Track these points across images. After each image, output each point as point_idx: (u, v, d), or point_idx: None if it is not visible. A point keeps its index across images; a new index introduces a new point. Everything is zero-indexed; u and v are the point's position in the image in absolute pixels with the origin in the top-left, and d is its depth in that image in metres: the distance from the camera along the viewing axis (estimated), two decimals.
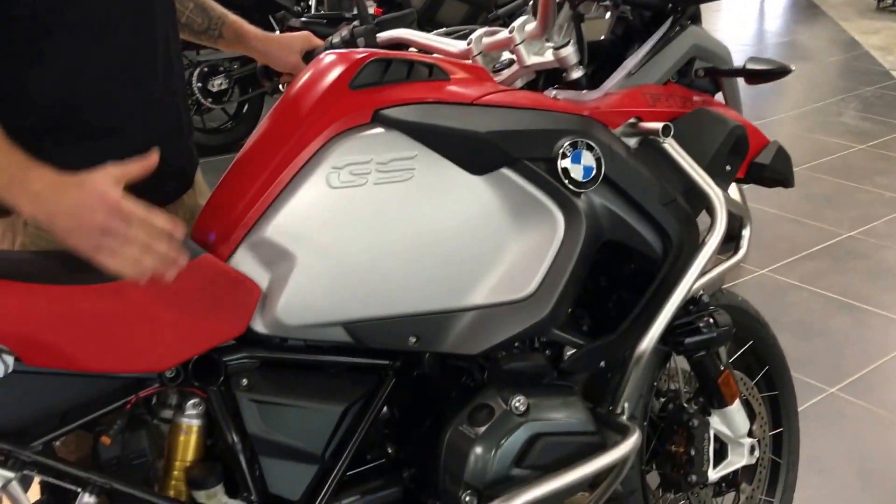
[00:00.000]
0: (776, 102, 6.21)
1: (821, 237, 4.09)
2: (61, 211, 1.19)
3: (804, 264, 3.81)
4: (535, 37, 1.57)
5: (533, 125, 1.41)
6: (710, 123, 1.56)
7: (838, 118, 5.99)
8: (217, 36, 1.80)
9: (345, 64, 1.41)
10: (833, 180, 4.83)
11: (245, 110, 5.28)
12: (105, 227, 1.18)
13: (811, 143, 5.40)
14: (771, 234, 4.03)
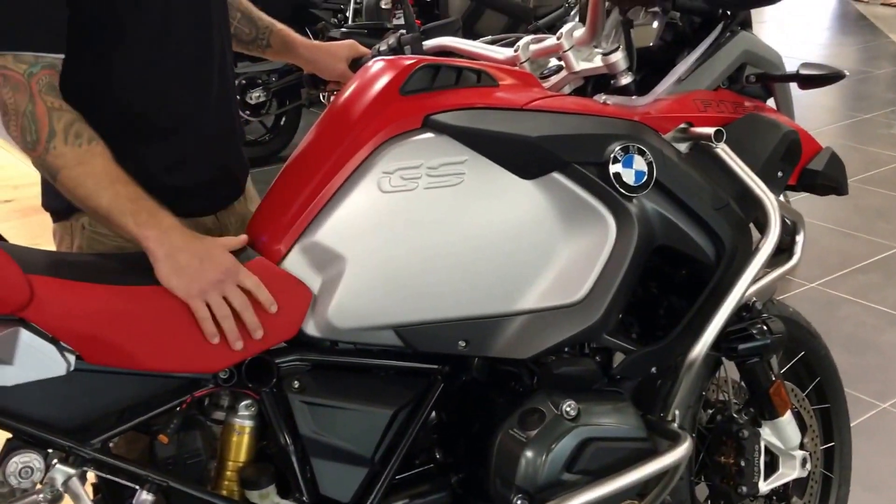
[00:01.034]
0: (825, 113, 6.13)
1: (872, 251, 4.02)
2: (188, 249, 1.30)
3: (855, 278, 3.75)
4: (583, 43, 1.57)
5: (584, 130, 1.41)
6: (762, 128, 1.55)
7: (889, 130, 5.91)
8: (265, 45, 1.83)
9: (395, 70, 1.43)
10: (885, 192, 4.76)
11: (283, 123, 5.32)
12: (220, 279, 1.29)
13: (861, 154, 5.33)
14: (822, 247, 3.98)
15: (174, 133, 1.53)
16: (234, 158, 1.68)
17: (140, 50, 1.45)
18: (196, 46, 1.52)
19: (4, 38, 1.32)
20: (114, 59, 1.44)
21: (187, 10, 1.49)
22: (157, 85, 1.49)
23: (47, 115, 1.33)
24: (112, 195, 1.32)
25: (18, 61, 1.32)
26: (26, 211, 4.17)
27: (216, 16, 1.57)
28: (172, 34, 1.48)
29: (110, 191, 1.32)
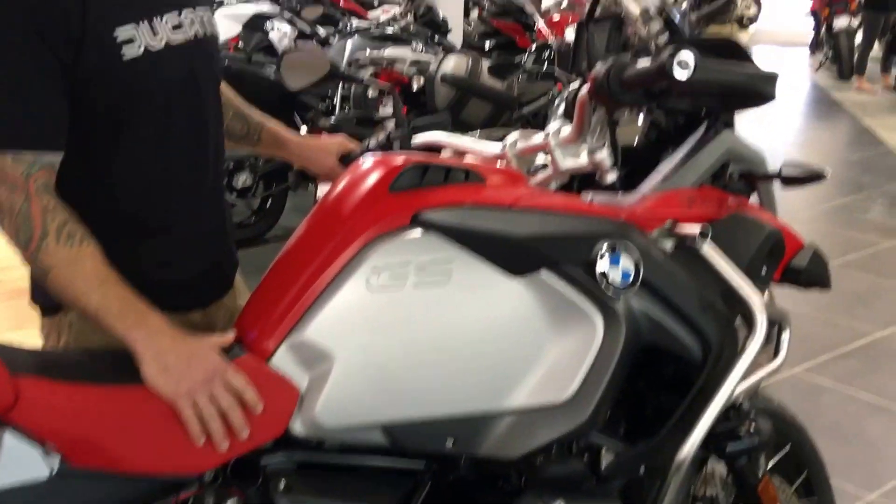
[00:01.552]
0: (802, 197, 6.23)
1: (854, 336, 4.05)
2: (175, 350, 1.31)
3: (838, 364, 3.77)
4: (569, 142, 1.60)
5: (571, 229, 1.42)
6: (746, 228, 1.58)
7: (865, 214, 6.00)
8: (256, 141, 1.86)
9: (384, 168, 1.45)
10: (864, 276, 4.81)
11: (268, 205, 5.35)
12: (207, 380, 1.29)
13: (840, 238, 5.40)
14: (803, 332, 3.99)
15: (167, 231, 1.54)
16: (225, 253, 1.68)
17: (137, 150, 1.47)
18: (192, 147, 1.54)
19: (6, 137, 1.34)
20: (110, 158, 1.46)
21: (185, 111, 1.51)
22: (152, 185, 1.50)
23: (42, 215, 1.33)
24: (101, 296, 1.32)
25: (17, 161, 1.33)
26: (11, 294, 4.13)
27: (212, 117, 1.59)
28: (170, 135, 1.50)
29: (99, 292, 1.33)
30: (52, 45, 1.34)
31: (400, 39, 5.56)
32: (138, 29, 1.42)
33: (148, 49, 1.43)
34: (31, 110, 1.34)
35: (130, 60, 1.41)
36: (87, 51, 1.37)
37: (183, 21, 1.51)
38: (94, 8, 1.37)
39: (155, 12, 1.45)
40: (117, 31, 1.39)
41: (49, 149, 1.37)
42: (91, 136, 1.43)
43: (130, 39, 1.41)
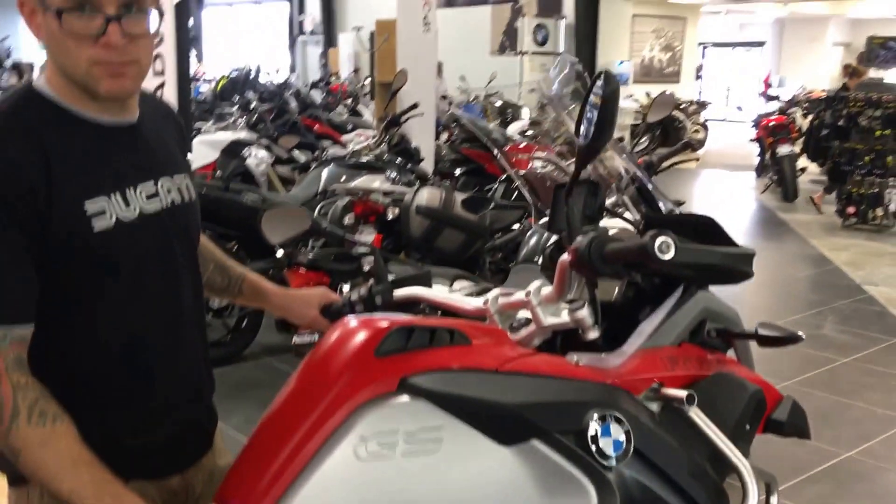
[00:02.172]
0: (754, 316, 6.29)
1: (821, 458, 4.05)
2: None
3: (808, 488, 3.76)
4: (550, 301, 1.62)
5: (561, 396, 1.43)
6: (730, 388, 1.59)
7: (818, 331, 6.06)
8: (237, 293, 1.86)
9: (369, 331, 1.45)
10: (825, 396, 4.84)
11: (245, 324, 5.32)
12: None
13: (795, 356, 5.41)
14: (770, 453, 3.97)
15: (142, 394, 1.51)
16: (204, 411, 1.66)
17: (108, 317, 1.45)
18: (167, 309, 1.53)
19: None
20: (80, 326, 1.43)
21: (159, 276, 1.50)
22: (124, 349, 1.47)
23: (12, 393, 1.30)
24: (74, 480, 1.29)
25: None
26: None
27: (187, 277, 1.58)
28: (142, 300, 1.48)
29: (72, 475, 1.29)
30: (20, 220, 1.33)
31: (374, 167, 5.67)
32: (109, 201, 1.41)
33: (119, 220, 1.42)
34: (1, 286, 1.32)
35: (101, 232, 1.40)
36: (55, 224, 1.36)
37: (159, 190, 1.51)
38: (61, 182, 1.36)
39: (127, 183, 1.45)
40: (87, 205, 1.39)
41: (20, 322, 1.34)
42: (61, 303, 1.41)
43: (101, 212, 1.40)
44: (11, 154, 1.34)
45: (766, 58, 22.53)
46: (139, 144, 1.50)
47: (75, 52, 1.37)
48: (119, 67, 1.39)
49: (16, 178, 1.33)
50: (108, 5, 1.35)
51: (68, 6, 1.34)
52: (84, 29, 1.35)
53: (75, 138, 1.42)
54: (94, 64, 1.38)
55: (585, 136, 1.54)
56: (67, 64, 1.39)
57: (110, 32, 1.36)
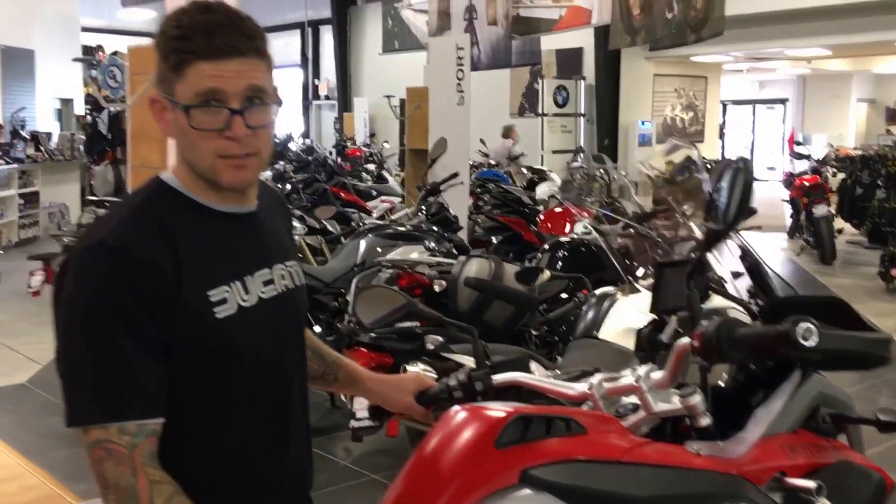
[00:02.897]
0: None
1: None
2: None
3: None
4: (662, 386, 1.60)
5: (690, 488, 1.40)
6: (856, 477, 1.55)
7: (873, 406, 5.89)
8: (332, 380, 1.86)
9: (486, 422, 1.43)
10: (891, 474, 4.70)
11: None
12: None
13: None
14: None
15: (252, 489, 1.51)
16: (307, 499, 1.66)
17: (226, 406, 1.47)
18: (279, 391, 1.55)
19: (110, 409, 1.33)
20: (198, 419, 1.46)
21: (271, 362, 1.53)
22: (237, 446, 1.49)
23: (148, 489, 1.31)
24: None
25: (122, 432, 1.32)
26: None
27: (295, 358, 1.61)
28: (257, 389, 1.51)
29: None
30: (153, 316, 1.36)
31: (412, 237, 5.67)
32: (231, 290, 1.46)
33: (241, 306, 1.46)
34: (135, 381, 1.35)
35: (224, 318, 1.44)
36: (182, 314, 1.39)
37: (274, 276, 1.55)
38: (188, 273, 1.40)
39: (247, 271, 1.50)
40: (211, 294, 1.43)
41: (152, 416, 1.36)
42: (183, 397, 1.43)
43: (223, 300, 1.44)
44: (147, 250, 1.38)
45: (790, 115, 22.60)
46: (257, 232, 1.56)
47: (201, 144, 1.43)
48: (242, 160, 1.45)
49: (151, 273, 1.37)
50: (233, 100, 1.42)
51: (197, 102, 1.41)
52: (210, 123, 1.42)
53: (201, 228, 1.47)
54: (219, 156, 1.44)
55: (720, 219, 1.52)
56: (194, 157, 1.45)
57: (234, 125, 1.42)
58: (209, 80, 1.39)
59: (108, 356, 1.33)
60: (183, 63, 1.40)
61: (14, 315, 8.26)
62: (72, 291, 1.36)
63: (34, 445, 4.99)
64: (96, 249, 1.37)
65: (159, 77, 1.44)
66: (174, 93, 1.42)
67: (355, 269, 5.56)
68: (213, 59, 1.39)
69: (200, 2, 1.43)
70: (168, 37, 1.42)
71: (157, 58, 1.44)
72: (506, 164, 12.41)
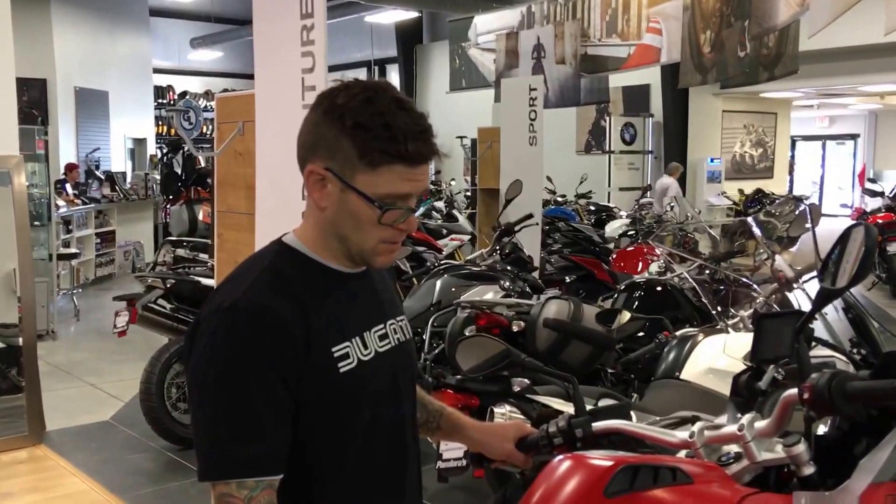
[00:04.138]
0: None
1: None
2: None
3: None
4: (766, 435, 1.61)
5: None
6: None
7: None
8: (435, 427, 1.90)
9: (594, 471, 1.46)
10: None
11: None
12: None
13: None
14: None
15: None
16: None
17: (346, 466, 1.52)
18: (395, 456, 1.61)
19: (234, 467, 1.39)
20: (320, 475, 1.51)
21: (388, 417, 1.59)
22: (357, 498, 1.55)
23: None
24: None
25: (241, 487, 1.39)
26: None
27: (408, 408, 1.65)
28: (377, 436, 1.56)
29: None
30: (285, 377, 1.43)
31: (487, 277, 5.71)
32: (352, 346, 1.52)
33: (360, 360, 1.52)
34: (262, 440, 1.41)
35: (346, 373, 1.50)
36: (309, 372, 1.45)
37: (388, 331, 1.61)
38: (316, 333, 1.47)
39: (365, 328, 1.57)
40: (335, 349, 1.49)
41: (272, 474, 1.42)
42: (307, 451, 1.48)
43: (346, 354, 1.50)
44: (280, 313, 1.44)
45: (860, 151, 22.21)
46: (371, 290, 1.63)
47: (373, 233, 1.51)
48: (397, 245, 1.56)
49: (285, 336, 1.43)
50: (412, 201, 1.54)
51: (390, 202, 1.49)
52: (394, 219, 1.51)
53: (325, 288, 1.54)
54: (382, 242, 1.53)
55: (832, 278, 1.55)
56: (357, 238, 1.53)
57: (410, 222, 1.53)
58: (406, 184, 1.48)
59: (240, 416, 1.40)
60: (384, 163, 1.46)
61: (95, 353, 8.45)
62: (206, 350, 1.43)
63: (120, 482, 5.12)
64: (231, 311, 1.44)
65: (335, 156, 1.48)
66: (355, 179, 1.47)
67: (431, 308, 5.62)
68: (413, 166, 1.48)
69: (398, 97, 1.49)
70: (374, 135, 1.45)
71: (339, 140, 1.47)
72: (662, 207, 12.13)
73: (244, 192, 3.98)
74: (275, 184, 3.42)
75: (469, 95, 15.61)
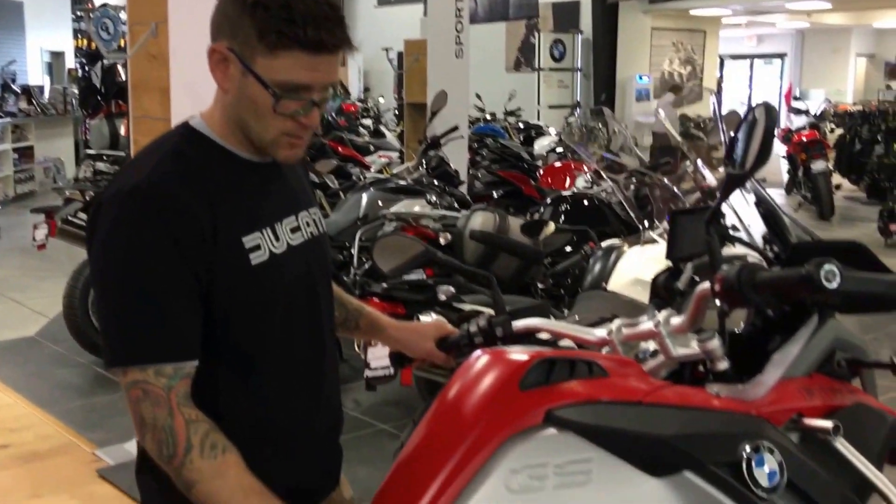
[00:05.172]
0: None
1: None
2: None
3: None
4: (681, 331, 1.62)
5: (712, 427, 1.43)
6: (871, 418, 1.58)
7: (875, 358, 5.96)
8: (354, 327, 1.88)
9: (511, 365, 1.45)
10: None
11: None
12: None
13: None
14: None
15: (284, 435, 1.55)
16: (335, 448, 1.69)
17: (260, 354, 1.50)
18: (311, 346, 1.58)
19: (149, 351, 1.35)
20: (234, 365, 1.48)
21: (304, 310, 1.56)
22: (273, 391, 1.52)
23: (185, 428, 1.34)
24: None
25: (160, 374, 1.35)
26: (26, 457, 4.05)
27: (325, 304, 1.63)
28: (290, 336, 1.53)
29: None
30: (189, 260, 1.38)
31: (414, 191, 5.67)
32: (263, 236, 1.48)
33: (273, 253, 1.48)
34: (173, 324, 1.37)
35: (258, 265, 1.46)
36: (218, 261, 1.41)
37: (300, 223, 1.57)
38: (224, 221, 1.42)
39: (276, 218, 1.52)
40: (245, 240, 1.45)
41: (188, 359, 1.39)
42: (216, 342, 1.45)
43: (257, 247, 1.46)
44: (183, 197, 1.39)
45: (788, 70, 22.49)
46: (281, 181, 1.58)
47: (273, 123, 1.44)
48: (301, 140, 1.49)
49: (188, 220, 1.38)
50: (317, 93, 1.45)
51: (286, 91, 1.42)
52: (290, 108, 1.43)
53: (233, 176, 1.48)
54: (284, 135, 1.46)
55: (740, 163, 1.54)
56: (258, 128, 1.46)
57: (312, 116, 1.45)
58: (305, 74, 1.41)
59: (146, 299, 1.36)
60: (282, 46, 1.39)
61: (18, 270, 8.29)
62: (107, 236, 1.38)
63: (48, 396, 5.06)
64: (131, 194, 1.38)
65: (237, 35, 1.41)
66: (254, 61, 1.40)
67: (358, 222, 5.58)
68: (314, 53, 1.40)
69: None
70: (272, 14, 1.38)
71: (241, 18, 1.40)
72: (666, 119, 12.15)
73: (159, 96, 3.86)
74: (190, 87, 3.32)
75: (398, 9, 15.33)
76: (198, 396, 1.41)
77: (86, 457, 4.16)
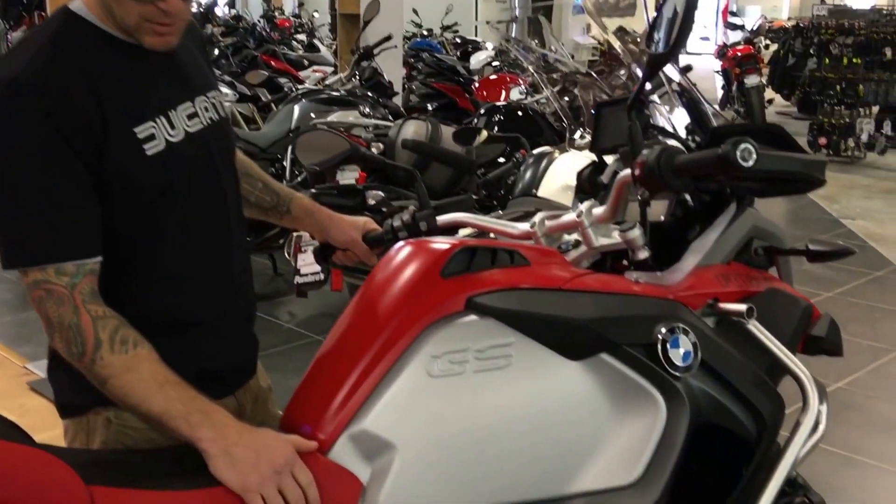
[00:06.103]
0: None
1: None
2: (243, 443, 1.27)
3: None
4: (603, 221, 1.63)
5: (629, 311, 1.44)
6: (784, 303, 1.62)
7: (800, 266, 6.10)
8: (285, 212, 1.85)
9: (433, 254, 1.44)
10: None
11: None
12: (277, 471, 1.25)
13: None
14: None
15: (197, 324, 1.53)
16: (250, 340, 1.67)
17: (164, 244, 1.47)
18: (217, 225, 1.54)
19: (47, 250, 1.31)
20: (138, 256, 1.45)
21: (207, 197, 1.52)
22: (180, 281, 1.49)
23: (92, 325, 1.31)
24: (163, 400, 1.30)
25: (61, 273, 1.31)
26: None
27: (230, 190, 1.59)
28: (195, 224, 1.50)
29: (160, 395, 1.30)
30: (78, 151, 1.33)
31: (347, 102, 5.59)
32: (156, 125, 1.42)
33: (169, 142, 1.43)
34: (67, 220, 1.33)
35: (154, 155, 1.41)
36: (110, 152, 1.36)
37: (198, 109, 1.52)
38: (111, 109, 1.37)
39: (170, 106, 1.46)
40: (137, 130, 1.40)
41: (89, 256, 1.35)
42: (119, 236, 1.41)
43: (151, 136, 1.41)
44: (64, 83, 1.33)
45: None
46: (175, 65, 1.51)
47: (130, 7, 1.37)
48: (168, 27, 1.41)
49: (72, 108, 1.32)
50: None
51: None
52: None
53: (118, 62, 1.42)
54: (145, 20, 1.39)
55: (661, 44, 1.52)
56: (118, 11, 1.39)
57: (172, 1, 1.37)
58: None
59: (38, 196, 1.30)
60: None
61: None
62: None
63: None
64: (11, 86, 1.30)
65: None
66: None
67: (290, 134, 5.50)
68: None
69: None
70: None
71: None
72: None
73: None
74: None
75: None
76: (107, 291, 1.37)
77: (17, 370, 4.14)
